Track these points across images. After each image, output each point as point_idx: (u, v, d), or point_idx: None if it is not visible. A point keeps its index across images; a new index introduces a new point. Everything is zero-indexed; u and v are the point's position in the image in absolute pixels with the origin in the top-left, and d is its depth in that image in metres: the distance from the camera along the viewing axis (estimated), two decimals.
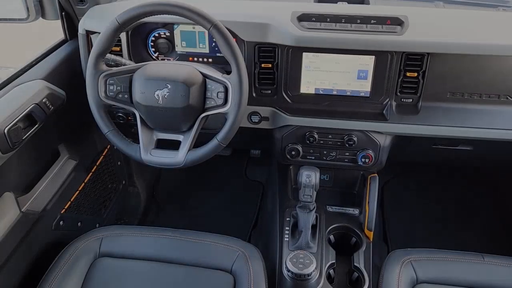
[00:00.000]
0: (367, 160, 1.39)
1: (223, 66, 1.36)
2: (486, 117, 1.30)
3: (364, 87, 1.32)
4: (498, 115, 1.30)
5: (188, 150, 1.18)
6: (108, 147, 1.78)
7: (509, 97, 1.28)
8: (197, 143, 1.20)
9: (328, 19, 1.26)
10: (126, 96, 1.18)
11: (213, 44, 1.39)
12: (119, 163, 1.88)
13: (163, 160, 1.19)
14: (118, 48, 1.37)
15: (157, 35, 1.41)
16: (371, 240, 1.40)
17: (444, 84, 1.29)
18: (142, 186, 2.05)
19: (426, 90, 1.30)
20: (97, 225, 1.73)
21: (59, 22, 1.48)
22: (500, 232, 1.96)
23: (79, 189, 1.59)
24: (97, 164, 1.71)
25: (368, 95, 1.33)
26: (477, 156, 1.52)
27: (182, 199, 2.19)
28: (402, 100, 1.33)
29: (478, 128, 1.30)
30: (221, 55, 1.38)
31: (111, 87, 1.17)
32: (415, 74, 1.28)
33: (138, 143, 1.21)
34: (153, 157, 1.19)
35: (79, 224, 1.60)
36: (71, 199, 1.54)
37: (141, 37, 1.41)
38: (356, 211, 1.49)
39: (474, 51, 1.22)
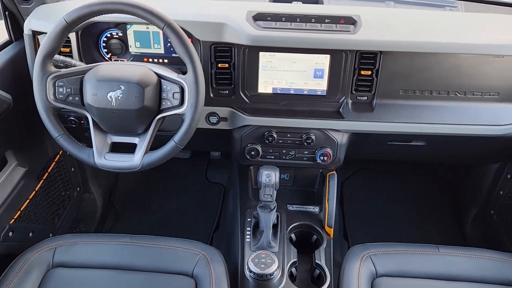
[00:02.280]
0: (325, 158, 1.41)
1: (179, 66, 1.34)
2: (437, 113, 1.35)
3: (321, 86, 1.34)
4: (448, 110, 1.36)
5: (145, 153, 1.15)
6: (61, 152, 1.70)
7: (457, 93, 1.34)
8: (154, 146, 1.17)
9: (283, 18, 1.27)
10: (77, 98, 1.13)
11: (168, 44, 1.36)
12: (72, 169, 1.80)
13: (118, 164, 1.15)
14: (67, 49, 1.32)
15: (109, 35, 1.36)
16: (332, 237, 1.42)
17: (397, 81, 1.33)
18: (98, 192, 1.98)
19: (380, 88, 1.34)
20: (51, 234, 1.66)
21: (2, 22, 1.40)
22: (453, 224, 2.04)
23: (30, 197, 1.51)
24: (49, 171, 1.63)
25: (325, 94, 1.35)
26: (430, 151, 1.58)
27: (141, 204, 2.14)
28: (358, 98, 1.36)
29: (429, 123, 1.35)
30: (176, 55, 1.36)
31: (61, 90, 1.12)
32: (369, 73, 1.31)
33: (92, 147, 1.16)
34: (107, 161, 1.15)
35: (30, 234, 1.52)
36: (21, 208, 1.46)
37: (92, 38, 1.36)
38: (316, 209, 1.50)
39: (424, 49, 1.26)
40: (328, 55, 1.28)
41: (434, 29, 1.31)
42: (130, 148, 1.18)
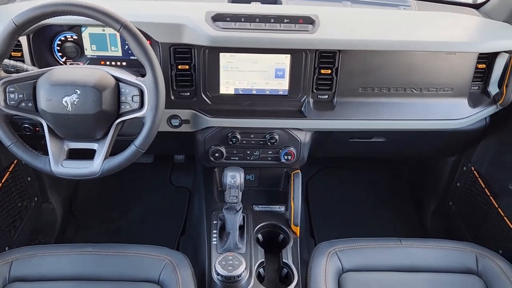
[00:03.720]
0: (289, 157, 1.42)
1: (138, 69, 1.30)
2: (395, 109, 1.39)
3: (282, 85, 1.35)
4: (405, 107, 1.39)
5: (104, 159, 1.12)
6: (16, 162, 1.63)
7: (414, 90, 1.38)
8: (115, 151, 1.14)
9: (243, 18, 1.27)
10: (30, 104, 1.09)
11: (126, 46, 1.33)
12: (29, 178, 1.73)
13: (77, 171, 1.11)
14: (19, 54, 1.27)
15: (63, 38, 1.31)
16: (298, 235, 1.43)
17: (356, 79, 1.35)
18: (58, 201, 1.90)
19: (340, 86, 1.36)
20: (7, 248, 1.58)
21: None
22: (415, 216, 2.10)
23: None
24: (3, 181, 1.56)
25: (287, 93, 1.36)
26: (390, 147, 1.62)
27: (104, 212, 2.08)
28: (319, 96, 1.38)
29: (388, 120, 1.38)
30: (135, 58, 1.32)
31: (12, 95, 1.07)
32: (329, 71, 1.33)
33: (48, 155, 1.12)
34: (65, 169, 1.11)
35: None
36: None
37: (45, 41, 1.31)
38: (282, 208, 1.51)
39: (380, 47, 1.29)
40: (289, 55, 1.29)
41: (390, 28, 1.34)
42: (89, 155, 1.14)
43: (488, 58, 1.39)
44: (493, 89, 1.43)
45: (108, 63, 1.35)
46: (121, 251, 1.24)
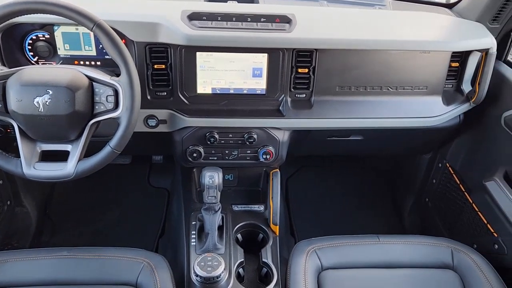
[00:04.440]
0: (268, 156, 1.42)
1: (113, 69, 1.28)
2: (372, 107, 1.40)
3: (260, 84, 1.34)
4: (381, 105, 1.41)
5: (78, 160, 1.09)
6: None
7: (389, 88, 1.40)
8: (91, 153, 1.12)
9: (219, 17, 1.26)
10: None
11: (100, 46, 1.30)
12: (1, 181, 1.68)
13: (50, 174, 1.09)
14: None
15: (34, 37, 1.28)
16: (278, 234, 1.43)
17: (333, 78, 1.36)
18: (32, 205, 1.85)
19: (317, 85, 1.36)
20: None
21: None
22: (393, 213, 2.13)
23: None
24: None
25: (264, 93, 1.35)
26: (368, 145, 1.63)
27: (80, 215, 2.03)
28: (296, 95, 1.38)
29: (365, 118, 1.40)
30: (110, 57, 1.30)
31: None
32: (306, 70, 1.34)
33: (19, 157, 1.09)
34: (37, 171, 1.08)
35: None
36: None
37: (15, 40, 1.27)
38: (261, 208, 1.51)
39: (356, 46, 1.30)
40: (266, 54, 1.29)
41: (366, 27, 1.35)
42: (62, 156, 1.11)
43: (461, 57, 1.42)
44: (466, 87, 1.47)
45: (82, 62, 1.32)
46: (98, 254, 1.21)
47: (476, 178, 1.51)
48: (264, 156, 1.42)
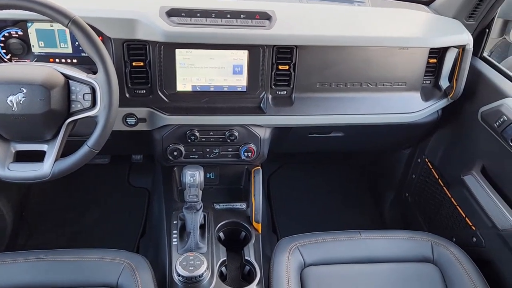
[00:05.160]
0: (249, 154, 1.41)
1: (90, 66, 1.25)
2: (352, 104, 1.41)
3: (240, 81, 1.33)
4: (361, 101, 1.42)
5: (55, 160, 1.06)
6: None
7: (369, 84, 1.41)
8: (69, 152, 1.09)
9: (198, 14, 1.25)
10: None
11: (77, 43, 1.27)
12: None
13: (25, 175, 1.05)
14: None
15: (7, 34, 1.24)
16: (260, 232, 1.43)
17: (313, 75, 1.36)
18: (7, 207, 1.80)
19: (298, 82, 1.36)
20: None
21: None
22: (374, 208, 2.15)
23: None
24: None
25: (245, 90, 1.35)
26: (349, 141, 1.65)
27: (58, 216, 1.99)
28: (277, 92, 1.37)
29: (345, 114, 1.40)
30: (86, 54, 1.27)
31: None
32: (287, 67, 1.33)
33: None
34: (12, 172, 1.05)
35: None
36: None
37: None
38: (243, 206, 1.50)
39: (336, 43, 1.30)
40: (246, 51, 1.28)
41: (345, 24, 1.36)
42: (38, 156, 1.08)
43: (438, 53, 1.44)
44: (444, 83, 1.49)
45: (57, 60, 1.29)
46: (76, 256, 1.19)
47: (454, 173, 1.53)
48: (246, 154, 1.41)
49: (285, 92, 1.38)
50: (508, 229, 1.25)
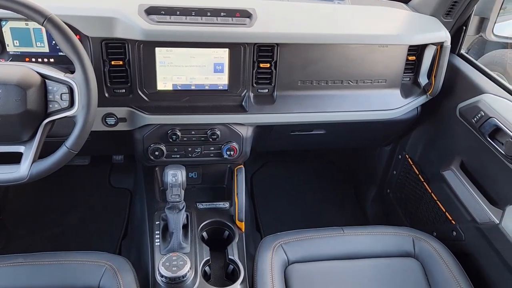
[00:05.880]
0: (232, 153, 1.40)
1: (68, 66, 1.22)
2: (333, 101, 1.42)
3: (222, 80, 1.33)
4: (342, 99, 1.43)
5: (32, 162, 1.04)
6: None
7: (350, 82, 1.42)
8: (47, 154, 1.07)
9: (178, 12, 1.23)
10: None
11: (53, 42, 1.25)
12: None
13: (2, 177, 1.03)
14: None
15: None
16: (243, 230, 1.42)
17: (295, 73, 1.37)
18: None
19: (279, 80, 1.36)
20: None
21: None
22: (356, 205, 2.17)
23: None
24: None
25: (226, 88, 1.34)
26: (330, 139, 1.66)
27: (37, 219, 1.95)
28: (259, 91, 1.37)
29: (327, 112, 1.41)
30: (63, 53, 1.25)
31: None
32: (268, 65, 1.33)
33: None
34: None
35: None
36: None
37: None
38: (226, 205, 1.50)
39: (316, 41, 1.31)
40: (227, 49, 1.28)
41: (326, 21, 1.37)
42: (15, 158, 1.06)
43: (417, 51, 1.46)
44: (423, 79, 1.51)
45: (34, 59, 1.26)
46: (56, 259, 1.16)
47: (434, 168, 1.56)
48: (228, 153, 1.40)
49: (267, 90, 1.38)
50: (487, 222, 1.28)
